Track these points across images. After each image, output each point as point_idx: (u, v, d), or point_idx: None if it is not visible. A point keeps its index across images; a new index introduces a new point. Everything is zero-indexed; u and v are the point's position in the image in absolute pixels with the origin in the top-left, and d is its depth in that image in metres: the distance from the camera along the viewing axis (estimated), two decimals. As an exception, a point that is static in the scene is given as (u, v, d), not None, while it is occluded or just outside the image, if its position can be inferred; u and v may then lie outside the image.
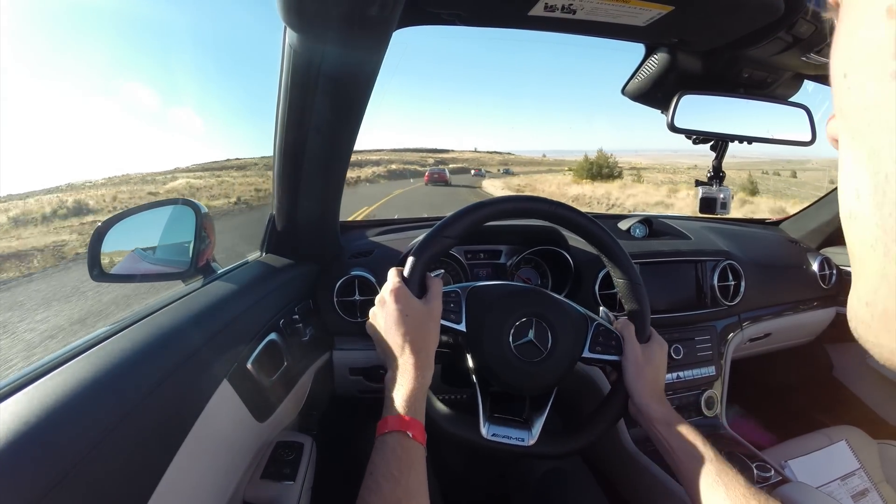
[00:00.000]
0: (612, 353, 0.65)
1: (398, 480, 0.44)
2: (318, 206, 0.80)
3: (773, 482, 0.82)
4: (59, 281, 6.81)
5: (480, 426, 0.61)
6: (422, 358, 0.54)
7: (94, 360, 0.42)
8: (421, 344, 0.54)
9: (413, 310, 0.56)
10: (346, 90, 0.57)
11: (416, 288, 0.59)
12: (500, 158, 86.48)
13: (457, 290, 0.65)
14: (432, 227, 0.62)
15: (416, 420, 0.50)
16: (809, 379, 1.48)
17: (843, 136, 0.21)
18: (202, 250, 0.69)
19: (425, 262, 0.60)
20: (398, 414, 0.49)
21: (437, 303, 0.59)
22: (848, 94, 0.20)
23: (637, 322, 0.66)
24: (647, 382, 0.62)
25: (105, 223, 0.63)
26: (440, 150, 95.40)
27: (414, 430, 0.49)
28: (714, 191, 0.85)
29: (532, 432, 0.62)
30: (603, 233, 0.67)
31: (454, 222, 0.62)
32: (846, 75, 0.20)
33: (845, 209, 0.21)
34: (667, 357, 0.66)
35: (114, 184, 26.88)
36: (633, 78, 0.77)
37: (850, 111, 0.20)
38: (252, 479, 0.69)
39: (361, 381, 0.95)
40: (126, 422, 0.39)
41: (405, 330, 0.54)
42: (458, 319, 0.63)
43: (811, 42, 0.61)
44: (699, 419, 1.03)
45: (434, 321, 0.58)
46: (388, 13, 0.45)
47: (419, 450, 0.48)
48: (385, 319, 0.56)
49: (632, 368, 0.63)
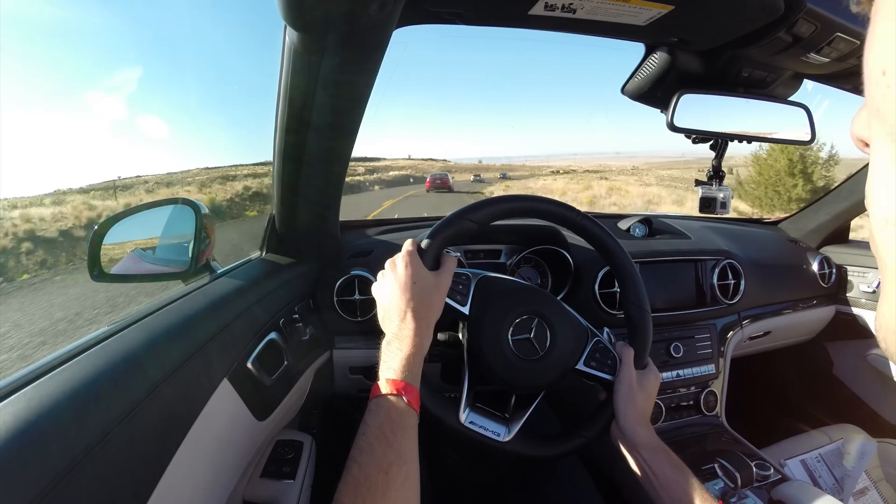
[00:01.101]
0: (605, 372, 0.65)
1: (390, 443, 0.44)
2: (318, 205, 0.80)
3: (772, 481, 0.82)
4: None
5: (460, 411, 0.61)
6: (422, 326, 0.54)
7: (95, 359, 0.42)
8: (423, 312, 0.54)
9: (421, 278, 0.56)
10: (346, 90, 0.57)
11: (430, 261, 0.59)
12: (441, 166, 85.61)
13: (468, 274, 0.65)
14: (458, 209, 0.63)
15: (411, 385, 0.49)
16: (809, 377, 1.48)
17: (880, 138, 0.19)
18: (202, 250, 0.69)
19: (443, 239, 0.61)
20: (394, 378, 0.49)
21: (447, 277, 0.59)
22: (887, 92, 0.18)
23: (637, 347, 0.66)
24: (636, 407, 0.62)
25: (105, 223, 0.63)
26: (371, 159, 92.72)
27: (409, 395, 0.48)
28: (714, 190, 0.85)
29: (510, 429, 0.62)
30: (625, 256, 0.67)
31: (481, 208, 0.63)
32: (885, 72, 0.18)
33: (880, 216, 0.20)
34: (658, 389, 0.66)
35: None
36: (633, 77, 0.77)
37: (888, 112, 0.18)
38: (252, 477, 0.69)
39: (361, 380, 0.95)
40: (126, 421, 0.39)
41: (410, 296, 0.54)
42: (464, 302, 0.63)
43: (811, 42, 0.61)
44: (698, 417, 1.03)
45: (440, 294, 0.58)
46: (389, 12, 0.45)
47: (412, 415, 0.48)
48: (391, 282, 0.56)
49: (624, 391, 0.62)
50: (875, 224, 0.20)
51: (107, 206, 18.32)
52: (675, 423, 1.02)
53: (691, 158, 63.24)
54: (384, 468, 0.42)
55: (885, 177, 0.19)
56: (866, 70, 0.19)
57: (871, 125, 0.20)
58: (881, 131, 0.19)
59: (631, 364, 0.64)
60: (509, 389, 0.65)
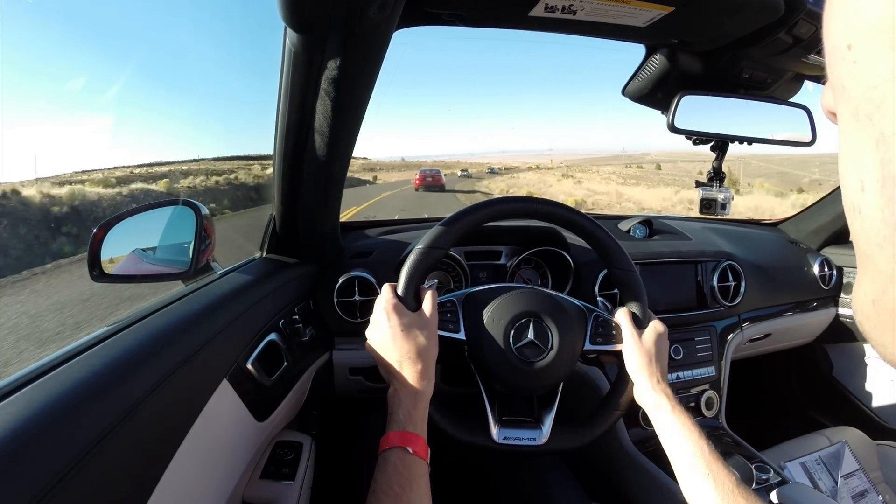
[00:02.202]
0: (613, 343, 0.64)
1: (399, 497, 0.45)
2: (318, 206, 0.80)
3: (772, 483, 0.82)
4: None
5: (491, 431, 0.61)
6: (420, 371, 0.54)
7: (94, 359, 0.42)
8: (418, 357, 0.54)
9: (408, 324, 0.56)
10: (346, 90, 0.57)
11: (411, 302, 0.59)
12: (361, 163, 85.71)
13: (452, 300, 0.65)
14: (419, 240, 0.63)
15: (416, 435, 0.50)
16: (809, 380, 1.48)
17: (845, 117, 0.18)
18: (202, 250, 0.69)
19: (418, 277, 0.60)
20: (399, 430, 0.50)
21: (433, 314, 0.59)
22: (853, 68, 0.17)
23: (633, 308, 0.66)
24: (646, 368, 0.61)
25: (105, 223, 0.63)
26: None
27: (415, 446, 0.49)
28: (714, 191, 0.85)
29: (543, 430, 0.62)
30: (599, 229, 0.67)
31: (443, 233, 0.62)
32: (851, 46, 0.17)
33: (848, 201, 0.19)
34: (667, 340, 0.65)
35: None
36: (634, 79, 0.77)
37: (853, 89, 0.17)
38: (251, 478, 0.69)
39: (361, 380, 0.95)
40: (126, 421, 0.39)
41: (401, 344, 0.54)
42: (457, 328, 0.63)
43: (811, 43, 0.61)
44: (698, 419, 1.03)
45: (430, 332, 0.57)
46: (389, 13, 0.45)
47: (421, 465, 0.48)
48: (381, 336, 0.56)
49: (632, 355, 0.62)
50: (846, 209, 0.19)
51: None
52: (675, 424, 1.02)
53: (633, 153, 70.05)
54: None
55: (851, 163, 0.18)
56: (827, 44, 0.18)
57: (836, 104, 0.19)
58: (845, 111, 0.18)
59: (631, 326, 0.64)
60: (529, 394, 0.65)
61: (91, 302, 4.37)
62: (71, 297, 4.87)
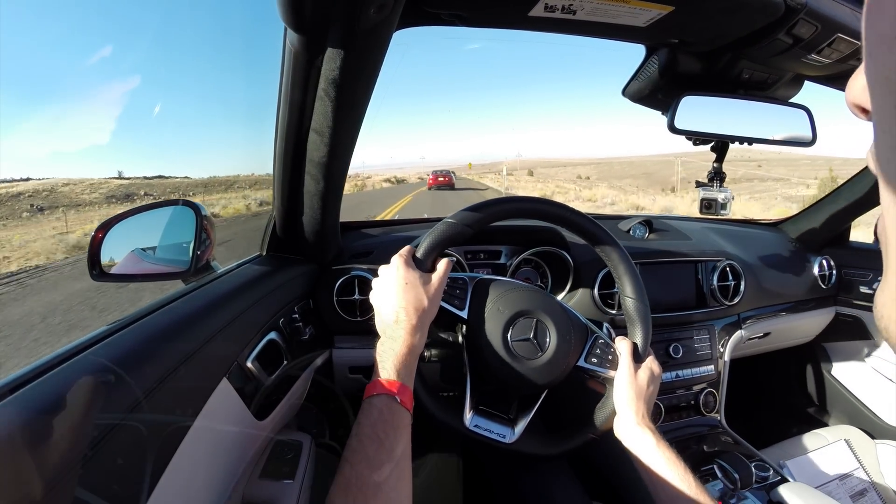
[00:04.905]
0: (606, 367, 0.65)
1: (382, 442, 0.44)
2: (319, 206, 0.80)
3: (771, 482, 0.82)
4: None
5: (465, 415, 0.62)
6: (415, 326, 0.54)
7: (94, 358, 0.42)
8: (416, 313, 0.55)
9: (412, 279, 0.57)
10: (347, 91, 0.57)
11: (423, 264, 0.60)
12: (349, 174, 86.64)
13: (464, 278, 0.65)
14: (453, 214, 0.64)
15: (404, 385, 0.50)
16: (808, 379, 1.48)
17: (888, 110, 0.17)
18: (202, 250, 0.69)
19: (441, 246, 0.61)
20: (387, 378, 0.49)
21: (441, 280, 0.60)
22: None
23: (636, 340, 0.67)
24: (636, 401, 0.62)
25: (105, 223, 0.63)
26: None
27: (402, 395, 0.49)
28: (714, 191, 0.85)
29: (514, 431, 0.63)
30: (620, 251, 0.68)
31: (474, 215, 0.63)
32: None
33: (887, 197, 0.18)
34: (660, 382, 0.66)
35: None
36: (634, 80, 0.77)
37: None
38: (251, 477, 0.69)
39: (361, 379, 0.95)
40: (125, 421, 0.39)
41: (402, 297, 0.55)
42: (462, 306, 0.63)
43: (811, 43, 0.61)
44: (698, 418, 1.03)
45: (433, 295, 0.58)
46: (388, 13, 0.45)
47: (406, 416, 0.48)
48: (386, 284, 0.57)
49: (624, 385, 0.62)
50: (884, 205, 0.18)
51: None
52: (674, 423, 1.03)
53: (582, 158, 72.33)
54: (376, 468, 0.42)
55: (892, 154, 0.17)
56: (871, 35, 0.17)
57: (872, 98, 0.18)
58: (890, 104, 0.16)
59: (630, 358, 0.64)
60: (512, 391, 0.65)
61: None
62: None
